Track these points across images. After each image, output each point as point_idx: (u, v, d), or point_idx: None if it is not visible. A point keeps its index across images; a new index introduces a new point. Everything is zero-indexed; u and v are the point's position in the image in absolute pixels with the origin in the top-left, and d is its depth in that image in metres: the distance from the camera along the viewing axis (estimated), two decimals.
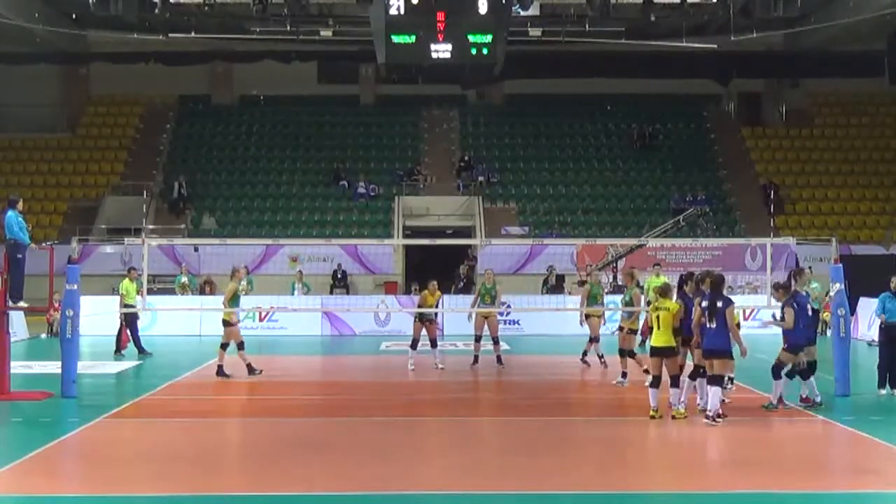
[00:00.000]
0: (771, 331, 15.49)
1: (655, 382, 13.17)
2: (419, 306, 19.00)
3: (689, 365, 13.76)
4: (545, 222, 34.59)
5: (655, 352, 13.24)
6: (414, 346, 18.73)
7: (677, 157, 38.10)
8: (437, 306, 19.36)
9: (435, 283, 19.22)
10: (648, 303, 22.96)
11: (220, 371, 17.55)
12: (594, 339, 18.97)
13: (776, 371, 14.05)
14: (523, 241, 32.21)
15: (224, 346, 17.69)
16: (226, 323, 17.85)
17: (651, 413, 13.02)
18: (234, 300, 17.88)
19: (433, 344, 18.82)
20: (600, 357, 18.87)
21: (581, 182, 37.04)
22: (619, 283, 26.22)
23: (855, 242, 33.15)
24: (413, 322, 18.99)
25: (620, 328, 17.22)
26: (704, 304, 13.00)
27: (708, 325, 12.90)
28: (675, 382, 13.10)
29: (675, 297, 14.02)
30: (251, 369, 17.55)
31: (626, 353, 16.63)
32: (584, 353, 19.09)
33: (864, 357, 20.31)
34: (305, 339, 26.06)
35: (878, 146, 38.48)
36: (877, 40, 33.89)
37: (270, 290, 29.03)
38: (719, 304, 12.91)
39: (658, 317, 13.11)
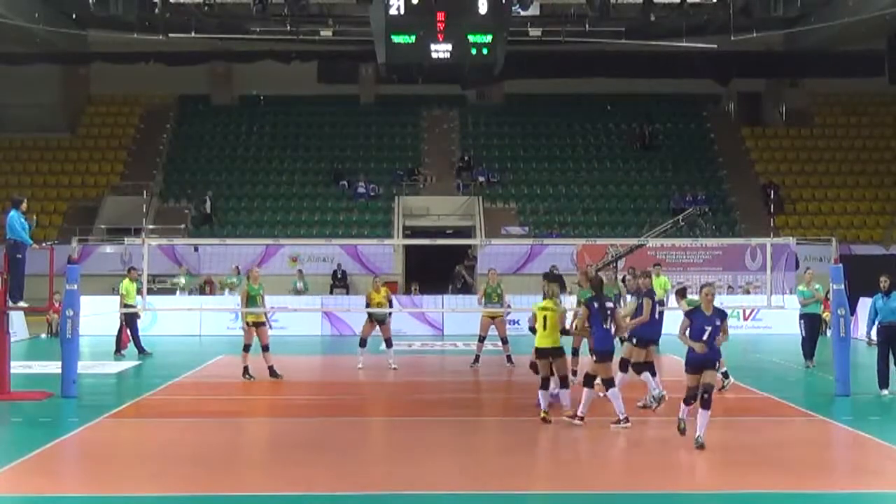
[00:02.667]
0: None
1: (545, 384, 12.96)
2: (367, 305, 18.86)
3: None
4: (545, 222, 34.59)
5: (542, 353, 13.02)
6: (362, 344, 18.71)
7: (677, 157, 38.09)
8: (389, 305, 19.19)
9: (379, 280, 19.34)
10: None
11: (272, 372, 17.50)
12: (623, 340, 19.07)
13: (624, 365, 14.02)
14: (523, 241, 32.20)
15: (265, 349, 17.55)
16: (254, 324, 17.64)
17: (542, 415, 12.85)
18: (250, 301, 17.71)
19: (388, 344, 18.86)
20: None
21: (581, 182, 37.04)
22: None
23: (855, 242, 33.14)
24: (364, 322, 18.95)
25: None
26: (597, 305, 12.86)
27: (604, 326, 12.80)
28: (565, 383, 12.98)
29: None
30: (246, 371, 17.48)
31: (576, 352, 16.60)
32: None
33: (864, 357, 20.30)
34: (305, 339, 26.06)
35: (878, 146, 38.47)
36: (877, 40, 33.88)
37: (270, 290, 28.95)
38: (610, 304, 12.91)
39: (545, 318, 12.93)
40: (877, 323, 15.91)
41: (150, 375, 18.50)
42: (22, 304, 15.74)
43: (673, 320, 24.17)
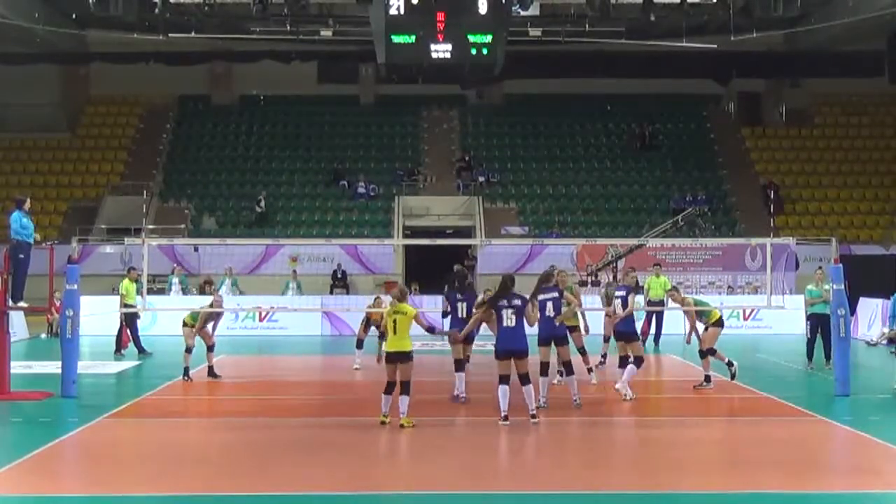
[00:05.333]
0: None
1: (389, 389, 12.83)
2: (369, 318, 19.00)
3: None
4: (545, 222, 34.58)
5: (390, 357, 12.84)
6: (359, 346, 18.88)
7: (677, 157, 38.09)
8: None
9: (380, 299, 19.86)
10: (650, 302, 23.10)
11: (210, 371, 17.60)
12: (607, 339, 19.28)
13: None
14: (523, 241, 32.20)
15: (193, 349, 17.57)
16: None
17: (381, 419, 12.76)
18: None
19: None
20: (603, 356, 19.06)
21: (581, 182, 37.04)
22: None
23: (855, 242, 33.15)
24: (360, 324, 19.27)
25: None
26: (507, 302, 12.88)
27: (506, 325, 12.80)
28: (406, 389, 12.74)
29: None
30: (186, 372, 17.28)
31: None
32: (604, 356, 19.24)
33: (865, 357, 20.31)
34: (305, 339, 26.06)
35: (878, 146, 38.48)
36: (877, 40, 33.89)
37: (270, 290, 29.08)
38: (518, 302, 12.97)
39: (395, 321, 12.72)
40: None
41: (150, 375, 18.48)
42: (22, 304, 15.73)
43: (674, 320, 24.29)
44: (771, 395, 15.45)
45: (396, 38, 26.93)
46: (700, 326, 16.34)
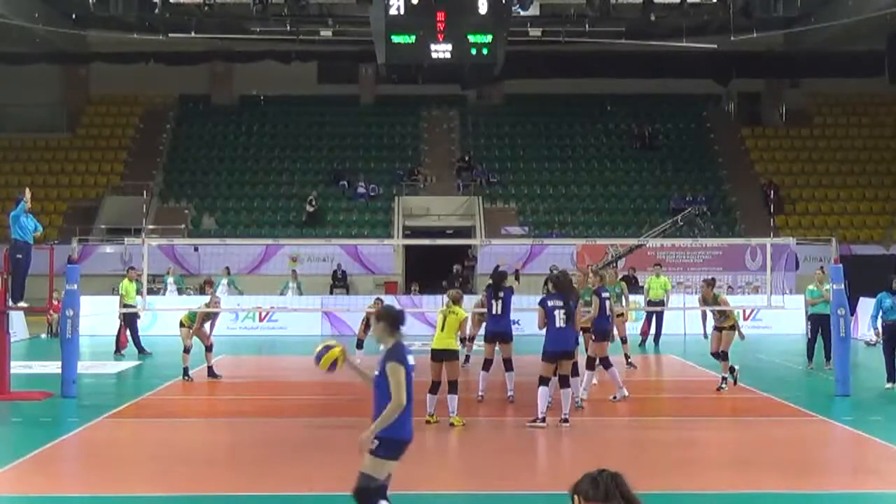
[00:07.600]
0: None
1: (434, 388, 12.85)
2: (368, 318, 19.05)
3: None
4: (545, 222, 34.57)
5: (436, 355, 12.90)
6: (359, 346, 18.90)
7: (677, 157, 38.08)
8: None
9: (380, 301, 19.74)
10: (650, 302, 23.13)
11: (210, 372, 17.63)
12: (623, 340, 19.01)
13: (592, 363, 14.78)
14: (523, 241, 32.18)
15: (192, 349, 17.61)
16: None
17: (427, 418, 12.73)
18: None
19: None
20: (627, 358, 18.90)
21: (581, 182, 37.03)
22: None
23: (855, 242, 33.14)
24: (360, 325, 19.41)
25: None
26: (558, 303, 12.75)
27: (558, 326, 12.66)
28: (454, 388, 12.83)
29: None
30: (185, 372, 17.28)
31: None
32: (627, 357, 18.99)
33: (865, 357, 20.31)
34: (305, 339, 26.03)
35: (878, 146, 38.46)
36: (877, 40, 33.89)
37: (270, 290, 29.07)
38: (571, 303, 12.85)
39: (445, 319, 12.89)
40: (881, 320, 16.00)
41: (149, 375, 18.50)
42: (22, 304, 15.73)
43: (674, 319, 24.29)
44: (771, 395, 15.45)
45: (396, 38, 26.92)
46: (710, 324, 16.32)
